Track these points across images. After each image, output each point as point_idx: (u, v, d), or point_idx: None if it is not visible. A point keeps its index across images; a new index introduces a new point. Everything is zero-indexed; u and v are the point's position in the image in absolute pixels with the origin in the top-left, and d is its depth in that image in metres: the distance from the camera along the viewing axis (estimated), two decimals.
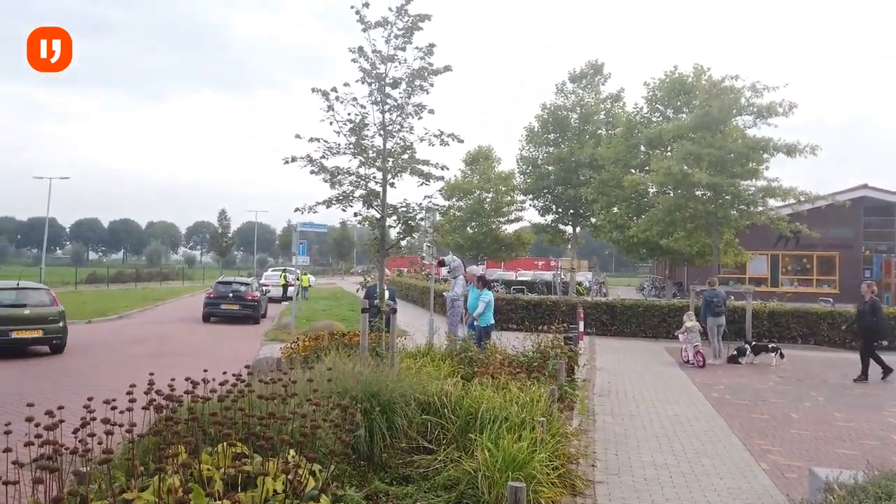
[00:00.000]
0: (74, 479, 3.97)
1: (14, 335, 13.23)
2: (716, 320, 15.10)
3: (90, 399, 4.51)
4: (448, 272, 13.62)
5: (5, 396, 9.79)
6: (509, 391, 7.26)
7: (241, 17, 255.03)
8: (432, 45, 8.73)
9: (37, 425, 4.02)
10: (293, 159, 8.94)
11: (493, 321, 12.79)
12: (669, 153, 25.38)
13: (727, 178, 21.39)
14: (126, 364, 13.01)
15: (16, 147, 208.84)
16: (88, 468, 4.06)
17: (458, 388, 7.15)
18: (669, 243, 24.50)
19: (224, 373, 5.43)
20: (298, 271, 25.27)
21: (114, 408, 4.52)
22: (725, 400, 10.53)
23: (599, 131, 35.17)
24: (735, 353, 14.98)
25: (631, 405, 9.97)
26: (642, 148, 29.04)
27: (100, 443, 4.18)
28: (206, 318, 22.83)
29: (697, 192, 22.84)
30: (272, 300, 29.56)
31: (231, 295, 22.84)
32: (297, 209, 9.12)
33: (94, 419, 4.29)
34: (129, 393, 4.51)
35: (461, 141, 9.13)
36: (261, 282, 29.18)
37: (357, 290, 14.51)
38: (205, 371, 5.32)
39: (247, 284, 24.23)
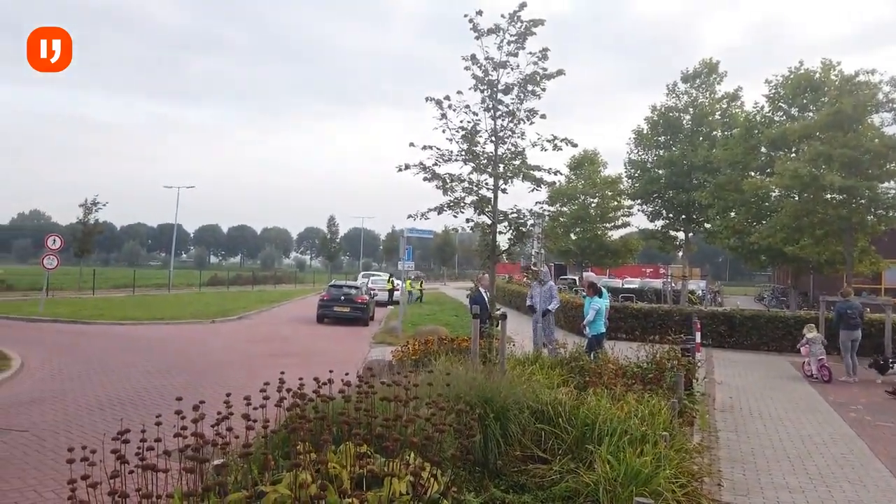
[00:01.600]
0: (213, 470, 4.23)
1: None
2: (850, 334, 13.88)
3: (228, 395, 4.78)
4: (539, 281, 13.37)
5: (157, 388, 10.66)
6: (626, 403, 7.01)
7: (349, 30, 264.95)
8: (546, 50, 8.67)
9: (182, 418, 4.32)
10: (406, 167, 9.12)
11: (603, 329, 12.45)
12: (794, 154, 23.74)
13: (863, 181, 19.69)
14: (248, 363, 13.79)
15: (149, 159, 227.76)
16: (227, 460, 4.32)
17: (572, 398, 7.00)
18: (795, 250, 22.87)
19: (346, 374, 5.61)
20: (412, 277, 25.82)
21: (248, 404, 4.79)
22: (865, 421, 9.66)
23: (714, 133, 33.55)
24: (876, 366, 13.66)
25: (756, 422, 9.37)
26: (763, 149, 27.32)
27: (237, 437, 4.44)
28: (320, 320, 23.94)
29: (827, 196, 21.19)
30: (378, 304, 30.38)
31: (342, 298, 23.95)
32: (409, 216, 9.32)
33: (231, 414, 4.55)
34: (262, 390, 4.76)
35: (575, 145, 9.00)
36: (369, 286, 30.11)
37: (467, 296, 14.58)
38: (330, 372, 5.51)
39: (357, 288, 25.32)
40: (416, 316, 25.33)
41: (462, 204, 8.78)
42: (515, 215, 9.01)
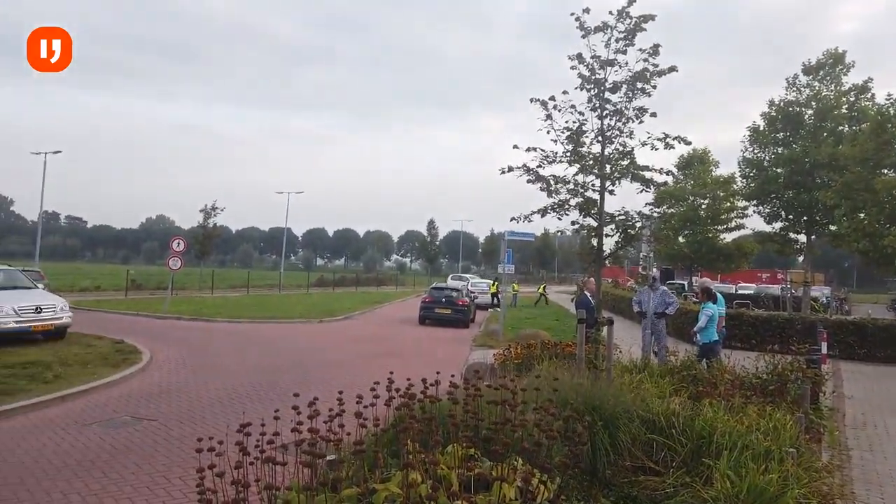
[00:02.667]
0: (326, 465, 4.35)
1: None
2: None
3: (340, 392, 4.90)
4: (650, 286, 12.81)
5: (271, 383, 11.21)
6: (746, 416, 6.58)
7: (452, 36, 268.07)
8: (657, 46, 8.33)
9: (298, 413, 4.47)
10: (510, 169, 9.05)
11: (716, 337, 11.79)
12: None
13: None
14: (353, 362, 14.20)
15: (262, 166, 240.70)
16: (339, 456, 4.43)
17: (686, 408, 6.65)
18: None
19: (452, 375, 5.63)
20: (515, 282, 25.79)
21: (359, 402, 4.90)
22: None
23: (840, 128, 31.08)
24: None
25: (894, 441, 8.53)
26: None
27: (348, 434, 4.54)
28: (422, 321, 24.49)
29: None
30: (479, 307, 30.47)
31: (444, 300, 24.53)
32: (512, 218, 9.26)
33: (343, 412, 4.67)
34: (372, 389, 4.85)
35: (688, 142, 8.60)
36: (469, 288, 30.36)
37: (571, 300, 14.32)
38: (437, 373, 5.53)
39: (458, 291, 25.80)
40: (516, 320, 25.17)
41: (567, 206, 8.61)
42: (623, 217, 8.70)
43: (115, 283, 42.97)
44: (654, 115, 8.54)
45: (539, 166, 8.76)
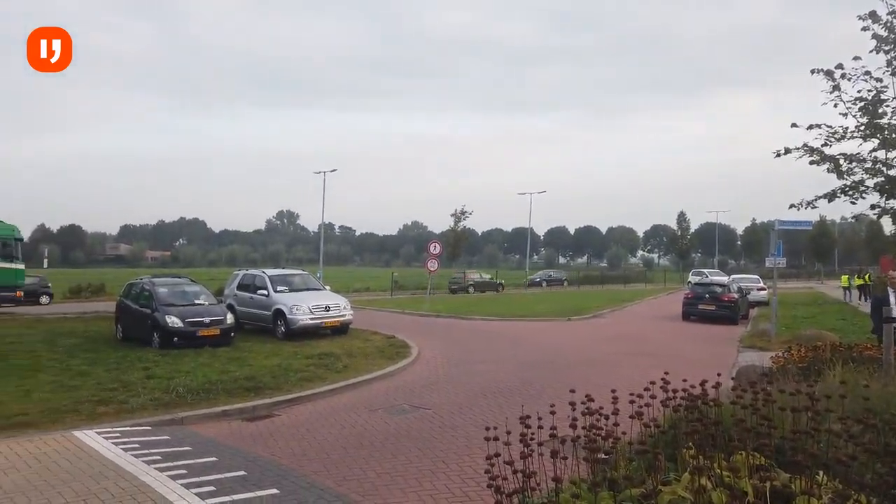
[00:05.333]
0: (602, 463, 4.29)
1: None
2: None
3: (613, 391, 4.81)
4: None
5: (528, 379, 11.56)
6: None
7: (687, 15, 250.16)
8: None
9: (573, 409, 4.49)
10: (786, 151, 8.10)
11: None
12: None
13: None
14: (606, 360, 13.93)
15: (503, 169, 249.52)
16: (614, 455, 4.35)
17: None
18: None
19: (718, 375, 5.21)
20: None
21: (632, 402, 4.76)
22: None
23: None
24: None
25: None
26: None
27: (624, 433, 4.44)
28: (686, 317, 23.74)
29: None
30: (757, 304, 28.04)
31: (707, 296, 23.72)
32: (792, 205, 8.24)
33: (617, 411, 4.57)
34: (646, 389, 4.68)
35: None
36: (740, 284, 28.12)
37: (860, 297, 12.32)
38: (718, 375, 5.15)
39: (723, 286, 24.92)
40: (791, 319, 22.51)
41: (863, 188, 7.40)
42: None
43: (380, 285, 47.95)
44: None
45: (824, 144, 7.67)
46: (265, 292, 17.84)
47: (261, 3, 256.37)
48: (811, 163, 7.74)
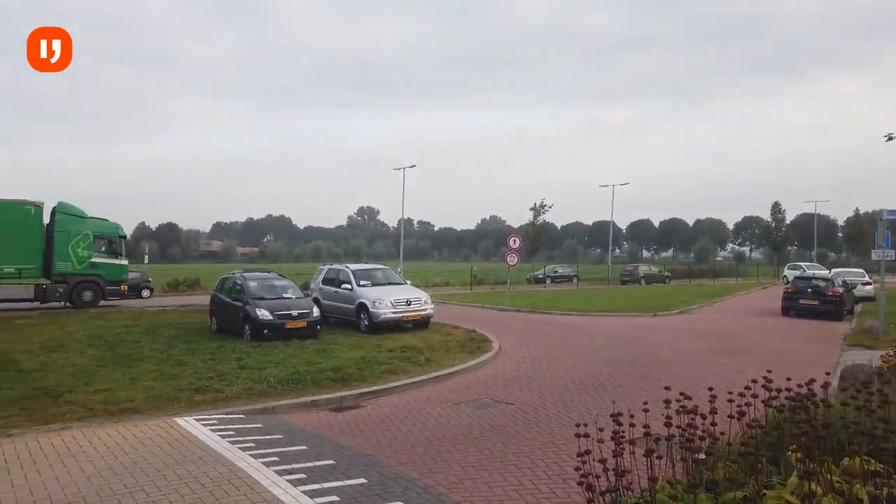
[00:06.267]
0: (699, 464, 4.09)
1: None
2: None
3: (711, 389, 4.59)
4: None
5: (614, 376, 11.29)
6: None
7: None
8: None
9: (667, 407, 4.31)
10: None
11: None
12: None
13: None
14: (695, 359, 13.40)
15: (583, 161, 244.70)
16: (712, 456, 4.14)
17: None
18: None
19: (828, 374, 4.84)
20: None
21: (730, 400, 4.52)
22: None
23: None
24: None
25: None
26: None
27: (722, 433, 4.22)
28: (785, 312, 22.81)
29: None
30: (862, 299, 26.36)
31: (810, 290, 22.65)
32: None
33: (715, 410, 4.36)
34: (747, 388, 4.44)
35: None
36: (844, 278, 26.50)
37: None
38: (826, 374, 4.82)
39: (827, 280, 23.82)
40: None
41: None
42: None
43: (459, 279, 48.15)
44: None
45: None
46: (349, 286, 18.26)
47: (341, 5, 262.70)
48: None
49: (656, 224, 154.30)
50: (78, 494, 5.47)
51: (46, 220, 23.99)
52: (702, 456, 4.06)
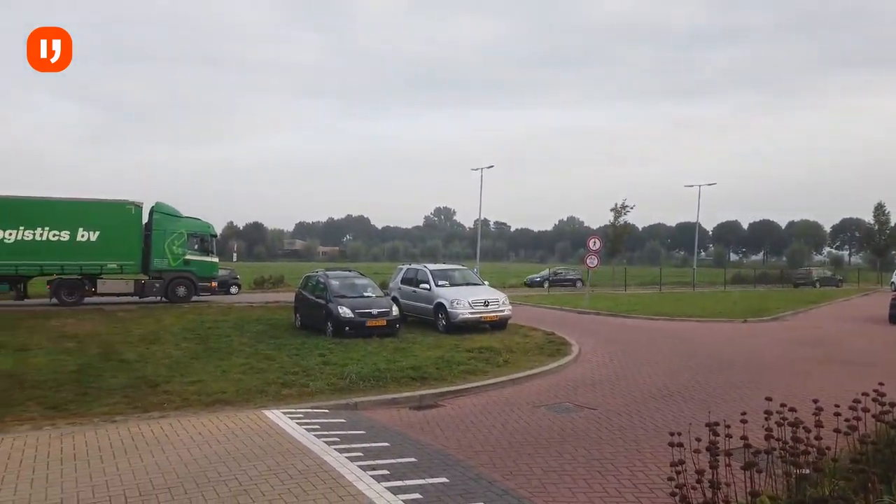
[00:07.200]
0: (800, 479, 3.85)
1: None
2: None
3: (816, 401, 4.32)
4: None
5: (701, 384, 10.86)
6: None
7: None
8: None
9: (767, 418, 4.08)
10: None
11: None
12: None
13: None
14: (791, 368, 12.68)
15: (667, 160, 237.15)
16: (812, 471, 3.89)
17: None
18: None
19: None
20: None
21: (837, 414, 4.24)
22: None
23: None
24: None
25: None
26: None
27: (828, 448, 3.96)
28: (893, 320, 21.28)
29: None
30: None
31: None
32: None
33: (820, 423, 4.09)
34: (857, 401, 4.15)
35: None
36: None
37: None
38: None
39: None
40: None
41: None
42: None
43: None
44: None
45: None
46: (427, 286, 18.41)
47: (418, 7, 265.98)
48: None
49: (745, 226, 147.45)
50: (177, 480, 5.76)
51: (145, 219, 25.50)
52: (806, 471, 3.82)
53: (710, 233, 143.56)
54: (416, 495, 5.45)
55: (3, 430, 7.55)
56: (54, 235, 23.43)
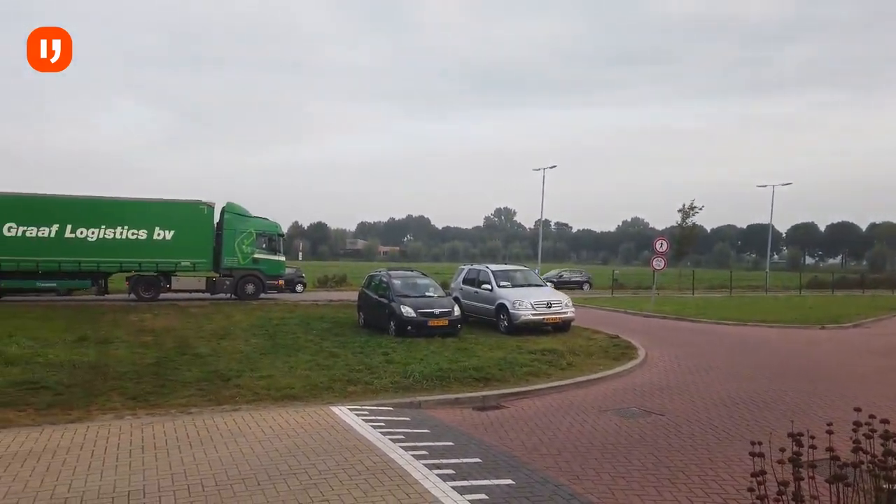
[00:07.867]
0: (891, 496, 3.64)
1: None
2: None
3: None
4: None
5: (776, 391, 10.44)
6: None
7: None
8: None
9: (855, 430, 3.86)
10: None
11: None
12: None
13: None
14: (875, 377, 12.02)
15: (736, 160, 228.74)
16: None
17: None
18: None
19: None
20: None
21: None
22: None
23: None
24: None
25: None
26: None
27: None
28: None
29: None
30: None
31: None
32: None
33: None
34: None
35: None
36: None
37: None
38: None
39: None
40: None
41: None
42: None
43: (598, 282, 46.89)
44: None
45: None
46: (489, 287, 18.37)
47: (481, 8, 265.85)
48: None
49: (822, 228, 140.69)
50: (250, 472, 5.93)
51: (216, 219, 26.46)
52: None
53: (784, 235, 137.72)
54: (482, 496, 5.43)
55: (90, 418, 7.97)
56: (133, 234, 24.64)
